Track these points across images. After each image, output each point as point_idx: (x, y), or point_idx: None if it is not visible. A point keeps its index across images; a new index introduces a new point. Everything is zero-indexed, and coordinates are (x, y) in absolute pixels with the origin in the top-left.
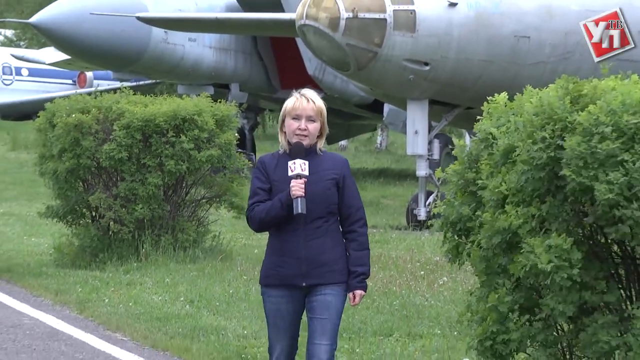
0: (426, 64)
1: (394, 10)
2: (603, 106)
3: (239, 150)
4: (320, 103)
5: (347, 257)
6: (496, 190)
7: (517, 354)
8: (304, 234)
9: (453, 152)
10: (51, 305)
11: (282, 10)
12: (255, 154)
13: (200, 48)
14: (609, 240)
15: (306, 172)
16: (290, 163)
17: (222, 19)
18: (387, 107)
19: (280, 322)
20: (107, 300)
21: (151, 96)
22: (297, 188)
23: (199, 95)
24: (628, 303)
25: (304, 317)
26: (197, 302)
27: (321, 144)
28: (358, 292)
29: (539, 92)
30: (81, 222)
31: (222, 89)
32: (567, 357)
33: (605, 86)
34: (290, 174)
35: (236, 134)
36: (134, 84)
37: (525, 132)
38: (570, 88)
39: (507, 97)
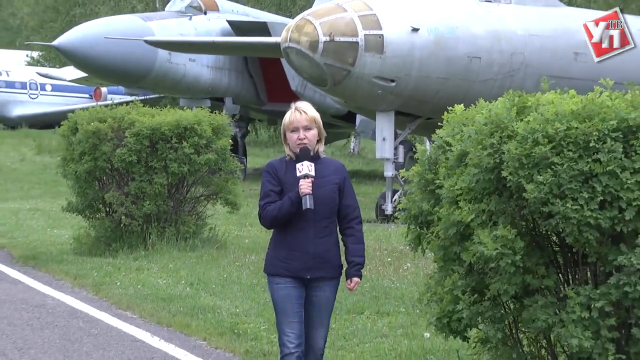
0: (392, 80)
1: (365, 35)
2: (537, 116)
3: (233, 154)
4: (312, 112)
5: (345, 249)
6: (451, 189)
7: (470, 330)
8: (313, 232)
9: (415, 156)
10: (71, 288)
11: (269, 35)
12: (246, 158)
13: (199, 67)
14: (548, 232)
15: (312, 173)
16: (298, 165)
17: (218, 42)
18: (359, 118)
19: (289, 305)
20: (119, 284)
21: (157, 108)
22: (305, 186)
23: (198, 107)
24: (565, 285)
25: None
26: (196, 285)
27: (322, 148)
28: (355, 279)
29: (489, 105)
30: (97, 216)
31: (218, 102)
32: (513, 331)
33: (545, 99)
34: (298, 174)
35: (229, 141)
36: (142, 97)
37: (476, 139)
38: (516, 101)
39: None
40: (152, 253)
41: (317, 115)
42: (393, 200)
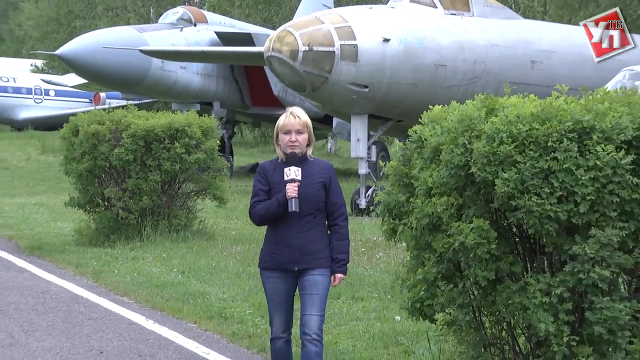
0: (366, 86)
1: (340, 45)
2: (502, 118)
3: (220, 154)
4: (305, 118)
5: (331, 246)
6: (425, 181)
7: (438, 313)
8: (297, 228)
9: (392, 150)
10: (72, 276)
11: (253, 45)
12: (232, 157)
13: (190, 74)
14: (510, 223)
15: (299, 177)
16: (286, 169)
17: (207, 51)
18: (335, 120)
19: (277, 298)
20: (116, 272)
21: (151, 112)
22: (291, 190)
23: (188, 111)
24: (525, 273)
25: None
26: (187, 273)
27: (310, 151)
28: (339, 275)
29: (460, 106)
30: (97, 210)
31: (207, 106)
32: (477, 315)
33: (510, 102)
34: (285, 178)
35: (217, 142)
36: (137, 102)
37: (449, 136)
38: (487, 102)
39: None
40: (147, 244)
41: (309, 121)
42: (366, 195)
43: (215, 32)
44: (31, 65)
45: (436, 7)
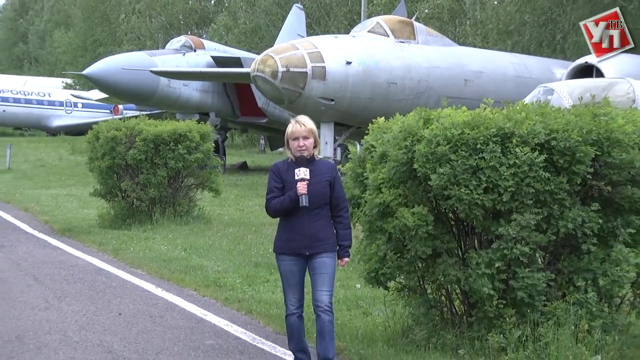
0: (332, 100)
1: (312, 66)
2: (439, 125)
3: (215, 154)
4: (310, 125)
5: (336, 234)
6: (375, 179)
7: (390, 281)
8: (308, 219)
9: (349, 155)
10: (96, 252)
11: (242, 66)
12: (225, 157)
13: (191, 90)
14: (446, 209)
15: (307, 177)
16: (296, 170)
17: (204, 72)
18: None
19: (291, 278)
20: (132, 249)
21: (159, 120)
22: (301, 188)
23: (189, 119)
24: (460, 249)
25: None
26: (189, 250)
27: (317, 152)
28: (345, 259)
29: (402, 118)
30: (115, 199)
31: (204, 116)
32: (421, 282)
33: (444, 113)
34: (296, 178)
35: (213, 144)
36: (149, 112)
37: (393, 142)
38: (423, 114)
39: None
40: (156, 227)
41: (314, 126)
42: None
43: (212, 56)
44: (62, 82)
45: (388, 36)
